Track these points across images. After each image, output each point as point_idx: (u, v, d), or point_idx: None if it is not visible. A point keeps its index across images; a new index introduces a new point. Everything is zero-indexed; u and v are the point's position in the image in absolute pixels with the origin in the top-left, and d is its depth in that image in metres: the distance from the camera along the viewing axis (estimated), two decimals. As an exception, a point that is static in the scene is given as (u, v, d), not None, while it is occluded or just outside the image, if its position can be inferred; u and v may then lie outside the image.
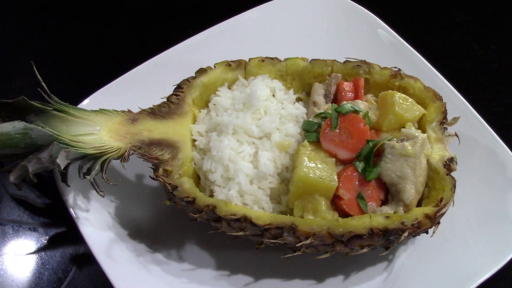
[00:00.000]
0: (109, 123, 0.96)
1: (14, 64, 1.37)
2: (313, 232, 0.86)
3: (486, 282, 0.93)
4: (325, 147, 0.93)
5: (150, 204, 1.04)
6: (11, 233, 1.08)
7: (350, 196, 0.90)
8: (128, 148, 0.94)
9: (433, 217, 0.87)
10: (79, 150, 0.90)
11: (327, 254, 0.90)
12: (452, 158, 0.93)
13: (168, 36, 1.30)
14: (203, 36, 1.24)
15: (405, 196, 0.89)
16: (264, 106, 1.00)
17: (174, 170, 0.93)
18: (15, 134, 0.86)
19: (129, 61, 1.19)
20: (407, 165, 0.90)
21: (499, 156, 1.06)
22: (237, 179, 0.94)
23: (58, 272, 1.03)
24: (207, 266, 0.99)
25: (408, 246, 1.00)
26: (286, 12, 1.30)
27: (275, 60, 1.07)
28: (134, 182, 1.07)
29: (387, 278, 0.97)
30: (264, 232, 0.89)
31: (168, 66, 1.19)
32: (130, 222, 1.02)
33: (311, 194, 0.89)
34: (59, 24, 1.45)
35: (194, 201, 0.91)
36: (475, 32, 1.43)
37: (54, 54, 1.40)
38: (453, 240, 0.99)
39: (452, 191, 0.90)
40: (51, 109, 0.92)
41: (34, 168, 0.88)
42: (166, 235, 1.01)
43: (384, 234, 0.86)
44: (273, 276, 0.98)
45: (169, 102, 1.01)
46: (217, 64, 1.07)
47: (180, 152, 0.96)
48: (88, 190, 1.02)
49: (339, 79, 1.04)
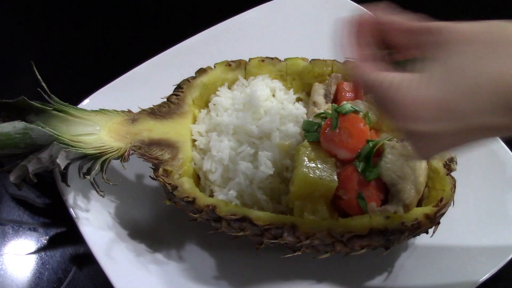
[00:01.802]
0: (109, 123, 0.96)
1: (14, 64, 1.37)
2: (313, 232, 0.86)
3: (486, 282, 0.93)
4: (325, 147, 0.93)
5: (150, 204, 1.04)
6: (11, 233, 1.08)
7: (350, 196, 0.90)
8: (128, 148, 0.94)
9: (433, 217, 0.87)
10: (79, 150, 0.90)
11: (327, 254, 0.90)
12: (452, 158, 0.93)
13: (168, 36, 1.30)
14: (203, 36, 1.24)
15: (405, 196, 0.89)
16: (264, 106, 1.00)
17: (174, 170, 0.93)
18: (15, 134, 0.86)
19: (129, 61, 1.19)
20: (407, 165, 0.90)
21: (499, 156, 1.06)
22: (237, 179, 0.94)
23: (58, 272, 1.03)
24: (207, 266, 0.99)
25: (408, 246, 1.00)
26: (286, 12, 1.30)
27: (275, 60, 1.07)
28: (134, 182, 1.07)
29: (387, 278, 0.97)
30: (264, 232, 0.89)
31: (168, 66, 1.19)
32: (130, 222, 1.02)
33: (311, 194, 0.89)
34: (59, 24, 1.45)
35: (194, 201, 0.91)
36: (475, 32, 1.43)
37: (54, 54, 1.40)
38: (453, 240, 0.99)
39: (452, 191, 0.90)
40: (51, 109, 0.92)
41: (34, 168, 0.88)
42: (166, 235, 1.01)
43: (384, 234, 0.86)
44: (273, 276, 0.98)
45: (169, 102, 1.02)
46: (217, 64, 1.07)
47: (180, 152, 0.96)
48: (88, 190, 1.02)
49: (339, 79, 1.04)
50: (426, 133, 0.64)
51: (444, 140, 0.64)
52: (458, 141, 0.64)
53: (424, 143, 0.65)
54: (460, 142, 0.64)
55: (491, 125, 0.60)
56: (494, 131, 0.62)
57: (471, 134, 0.63)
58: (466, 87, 0.61)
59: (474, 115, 0.60)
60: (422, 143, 0.65)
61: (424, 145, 0.66)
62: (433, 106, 0.63)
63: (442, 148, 0.66)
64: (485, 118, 0.60)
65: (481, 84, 0.60)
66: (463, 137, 0.63)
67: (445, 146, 0.66)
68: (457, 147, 0.65)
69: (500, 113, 0.59)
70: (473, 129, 0.61)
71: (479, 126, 0.61)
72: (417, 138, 0.65)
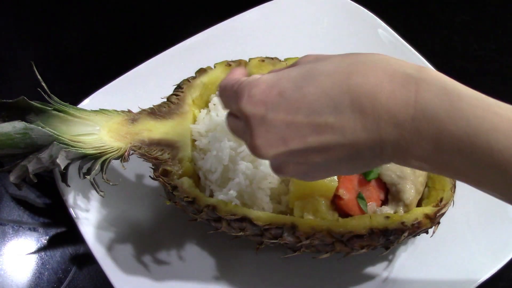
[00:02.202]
0: (109, 123, 0.96)
1: (14, 64, 1.36)
2: (313, 232, 0.86)
3: (486, 282, 0.93)
4: (325, 147, 0.92)
5: (150, 204, 1.04)
6: (11, 233, 1.08)
7: (350, 196, 0.90)
8: (128, 148, 0.94)
9: (433, 217, 0.87)
10: (79, 150, 0.90)
11: (327, 254, 0.90)
12: (452, 158, 0.93)
13: (168, 36, 1.30)
14: (203, 36, 1.24)
15: (405, 196, 0.89)
16: (264, 106, 1.00)
17: (174, 170, 0.93)
18: (15, 134, 0.86)
19: (129, 61, 1.19)
20: (407, 165, 0.90)
21: (499, 156, 1.06)
22: (237, 179, 0.94)
23: (58, 272, 1.03)
24: (207, 266, 0.99)
25: (408, 246, 1.00)
26: (286, 12, 1.30)
27: (275, 60, 1.07)
28: (134, 182, 1.07)
29: (387, 278, 0.97)
30: (264, 232, 0.88)
31: (168, 66, 1.19)
32: (130, 222, 1.02)
33: (311, 194, 0.89)
34: (59, 24, 1.45)
35: (194, 201, 0.91)
36: (475, 32, 1.43)
37: (54, 54, 1.40)
38: (453, 240, 0.99)
39: (452, 191, 0.90)
40: (51, 109, 0.92)
41: (34, 168, 0.88)
42: (166, 235, 1.01)
43: (384, 234, 0.86)
44: (273, 276, 0.98)
45: (169, 102, 1.01)
46: (217, 64, 1.07)
47: (180, 152, 0.96)
48: (88, 190, 1.02)
49: (339, 79, 1.03)
50: (257, 116, 0.63)
51: (276, 131, 0.62)
52: (292, 135, 0.61)
53: (256, 130, 0.63)
54: (296, 138, 0.62)
55: (330, 123, 0.59)
56: (330, 132, 0.60)
57: (307, 130, 0.61)
58: (316, 82, 0.61)
59: (316, 110, 0.60)
60: (255, 129, 0.63)
61: (257, 132, 0.64)
62: (274, 89, 0.63)
63: (275, 144, 0.63)
64: (328, 116, 0.59)
65: (328, 84, 0.60)
66: (298, 132, 0.61)
67: (278, 142, 0.62)
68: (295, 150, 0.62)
69: (346, 112, 0.59)
70: (308, 124, 0.60)
71: (317, 123, 0.60)
72: (251, 122, 0.63)
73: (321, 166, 0.63)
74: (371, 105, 0.58)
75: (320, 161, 0.62)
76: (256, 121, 0.64)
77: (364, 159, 0.62)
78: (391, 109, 0.58)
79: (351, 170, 0.65)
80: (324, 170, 0.65)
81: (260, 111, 0.63)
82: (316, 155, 0.61)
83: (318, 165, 0.63)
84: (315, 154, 0.61)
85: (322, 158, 0.61)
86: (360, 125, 0.59)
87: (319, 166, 0.63)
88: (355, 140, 0.59)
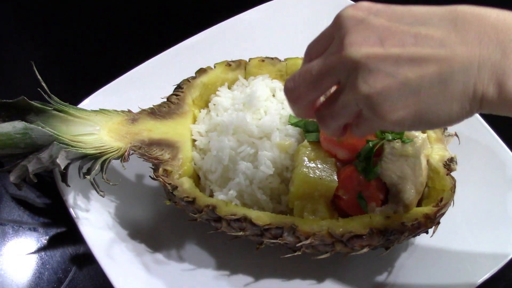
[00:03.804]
0: (109, 123, 0.96)
1: (14, 64, 1.36)
2: (313, 232, 0.86)
3: (486, 282, 0.93)
4: (325, 147, 0.93)
5: (150, 204, 1.04)
6: (11, 233, 1.08)
7: (350, 196, 0.90)
8: (128, 148, 0.94)
9: (433, 217, 0.87)
10: (79, 150, 0.90)
11: (327, 254, 0.90)
12: (452, 158, 0.93)
13: (168, 36, 1.30)
14: (203, 36, 1.24)
15: (405, 196, 0.89)
16: (264, 106, 1.00)
17: (174, 170, 0.93)
18: (15, 134, 0.86)
19: (129, 61, 1.19)
20: (407, 165, 0.90)
21: (499, 156, 1.06)
22: (237, 179, 0.94)
23: (58, 272, 1.03)
24: (207, 266, 0.99)
25: (408, 246, 1.00)
26: (286, 12, 1.30)
27: (275, 60, 1.07)
28: (134, 182, 1.07)
29: (387, 278, 0.97)
30: (264, 232, 0.89)
31: (168, 66, 1.19)
32: (130, 222, 1.02)
33: (311, 194, 0.89)
34: (59, 24, 1.45)
35: (194, 201, 0.91)
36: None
37: (54, 54, 1.40)
38: (453, 240, 0.99)
39: (452, 191, 0.90)
40: (51, 109, 0.92)
41: (34, 168, 0.88)
42: (166, 235, 1.01)
43: (384, 234, 0.86)
44: (273, 276, 0.98)
45: (169, 102, 1.02)
46: (217, 64, 1.07)
47: (180, 152, 0.96)
48: (88, 190, 1.02)
49: (339, 79, 1.03)
50: (357, 17, 0.61)
51: (375, 30, 0.60)
52: (391, 38, 0.59)
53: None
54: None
55: (430, 34, 0.59)
56: (430, 43, 0.58)
57: (407, 38, 0.59)
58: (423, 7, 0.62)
59: (420, 20, 0.59)
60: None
61: (353, 29, 0.61)
62: (378, 4, 0.62)
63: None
64: (430, 28, 0.59)
65: (435, 8, 0.61)
66: (398, 37, 0.59)
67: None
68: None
69: (450, 25, 0.59)
70: (410, 32, 0.59)
71: (419, 32, 0.59)
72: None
73: (409, 87, 0.58)
74: (477, 20, 0.58)
75: (412, 76, 0.58)
76: (353, 21, 0.61)
77: (456, 84, 0.58)
78: (498, 26, 0.57)
79: (437, 104, 0.59)
80: (411, 95, 0.59)
81: (361, 14, 0.61)
82: (409, 68, 0.58)
83: (407, 85, 0.58)
84: (408, 66, 0.58)
85: (414, 74, 0.58)
86: (461, 37, 0.57)
87: (406, 87, 0.58)
88: (453, 54, 0.57)
